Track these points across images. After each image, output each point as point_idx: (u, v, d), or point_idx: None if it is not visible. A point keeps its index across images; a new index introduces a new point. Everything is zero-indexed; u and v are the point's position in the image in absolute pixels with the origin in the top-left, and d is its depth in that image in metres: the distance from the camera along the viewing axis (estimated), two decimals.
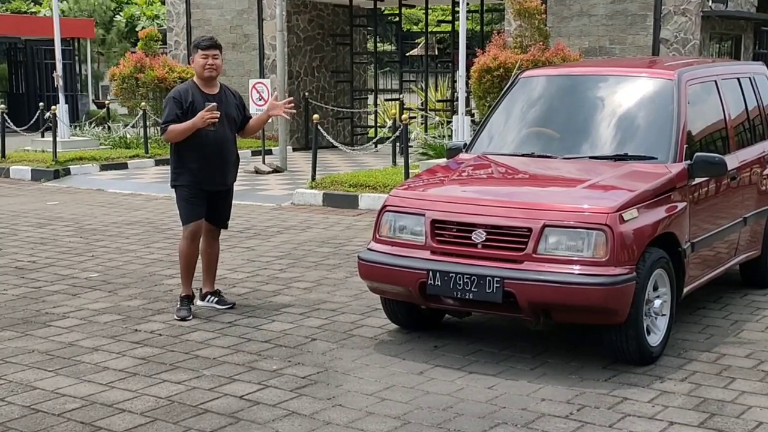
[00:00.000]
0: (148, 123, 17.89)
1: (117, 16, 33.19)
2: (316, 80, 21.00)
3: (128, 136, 18.81)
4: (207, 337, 6.20)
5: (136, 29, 29.97)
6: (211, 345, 6.03)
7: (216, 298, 6.93)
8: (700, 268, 6.33)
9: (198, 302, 6.90)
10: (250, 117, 6.99)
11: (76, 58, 27.54)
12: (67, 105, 18.53)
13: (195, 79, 6.76)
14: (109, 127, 19.93)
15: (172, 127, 6.55)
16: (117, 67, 19.51)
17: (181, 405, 4.95)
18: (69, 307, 6.99)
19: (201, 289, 6.94)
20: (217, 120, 6.46)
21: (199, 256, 6.84)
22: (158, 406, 4.94)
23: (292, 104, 7.04)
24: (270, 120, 16.80)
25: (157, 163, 17.07)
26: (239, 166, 7.01)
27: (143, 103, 17.99)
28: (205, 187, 6.63)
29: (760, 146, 7.39)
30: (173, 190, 6.75)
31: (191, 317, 6.60)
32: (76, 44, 27.59)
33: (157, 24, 29.65)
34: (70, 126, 19.02)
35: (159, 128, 6.74)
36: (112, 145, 18.54)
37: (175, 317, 6.60)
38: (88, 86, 29.72)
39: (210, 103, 6.49)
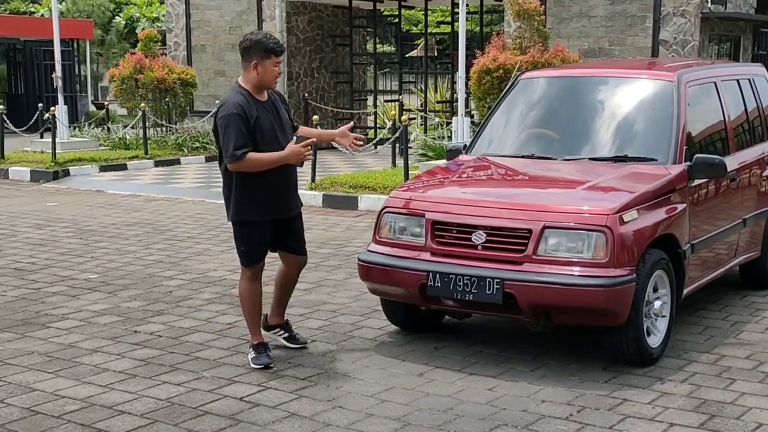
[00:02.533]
0: (147, 124, 17.88)
1: (116, 17, 33.18)
2: (315, 81, 21.00)
3: (128, 137, 18.81)
4: (207, 339, 6.20)
5: (136, 30, 30.00)
6: (211, 346, 6.03)
7: (286, 333, 5.95)
8: (700, 270, 6.33)
9: (262, 332, 5.82)
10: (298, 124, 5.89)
11: (76, 59, 27.53)
12: (66, 106, 18.54)
13: (244, 84, 5.47)
14: (108, 128, 19.91)
15: (252, 156, 5.31)
16: (116, 68, 19.50)
17: (181, 407, 4.94)
18: (68, 309, 6.99)
19: (266, 316, 5.92)
20: (312, 158, 5.61)
21: (275, 287, 5.97)
22: (158, 407, 4.93)
23: (362, 142, 5.99)
24: None
25: (157, 164, 17.07)
26: None
27: (143, 104, 17.98)
28: (273, 218, 5.58)
29: (759, 147, 7.39)
30: (231, 224, 5.68)
31: (273, 364, 5.57)
32: (75, 45, 27.58)
33: (157, 25, 29.64)
34: (70, 127, 19.02)
35: (227, 155, 5.31)
36: (111, 146, 18.54)
37: (254, 365, 5.53)
38: (87, 87, 29.70)
39: (302, 136, 5.49)
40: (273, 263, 6.09)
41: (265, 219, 5.54)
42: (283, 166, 5.45)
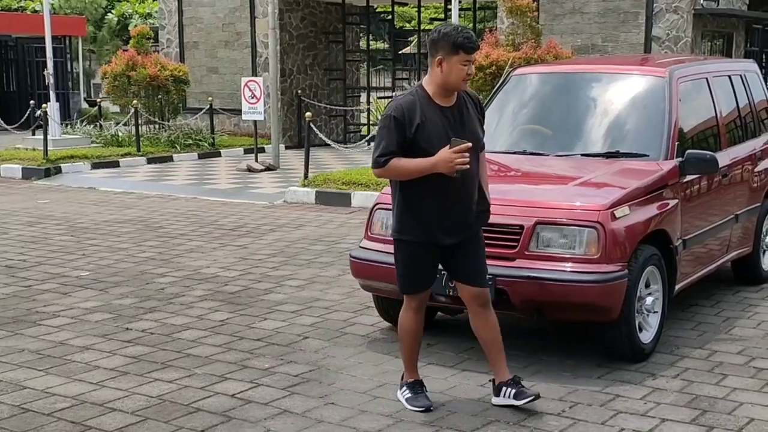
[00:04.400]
0: (140, 121, 17.84)
1: (109, 13, 33.08)
2: (309, 78, 20.97)
3: (120, 134, 18.75)
4: (199, 336, 6.18)
5: (128, 27, 29.92)
6: (203, 343, 6.01)
7: (514, 390, 4.82)
8: (692, 266, 6.33)
9: (494, 399, 4.90)
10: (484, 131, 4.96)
11: (68, 56, 27.43)
12: (58, 103, 18.48)
13: (426, 84, 4.70)
14: (100, 125, 19.86)
15: (395, 163, 4.58)
16: (108, 65, 19.45)
17: (172, 404, 4.93)
18: (59, 306, 6.96)
19: (493, 381, 4.95)
20: (468, 166, 4.53)
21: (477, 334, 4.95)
22: (149, 405, 4.92)
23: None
24: (263, 118, 16.67)
25: (149, 161, 17.03)
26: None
27: (135, 101, 17.94)
28: (443, 243, 4.73)
29: (751, 143, 7.40)
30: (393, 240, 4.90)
31: (433, 407, 4.84)
32: (67, 42, 27.49)
33: (149, 22, 29.57)
34: (62, 124, 18.96)
35: (372, 159, 4.67)
36: (103, 143, 18.48)
37: (410, 407, 4.82)
38: (79, 84, 29.61)
39: (457, 140, 4.51)
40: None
41: (429, 241, 4.69)
42: (469, 180, 4.64)
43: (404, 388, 4.93)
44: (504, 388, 4.83)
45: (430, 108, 4.62)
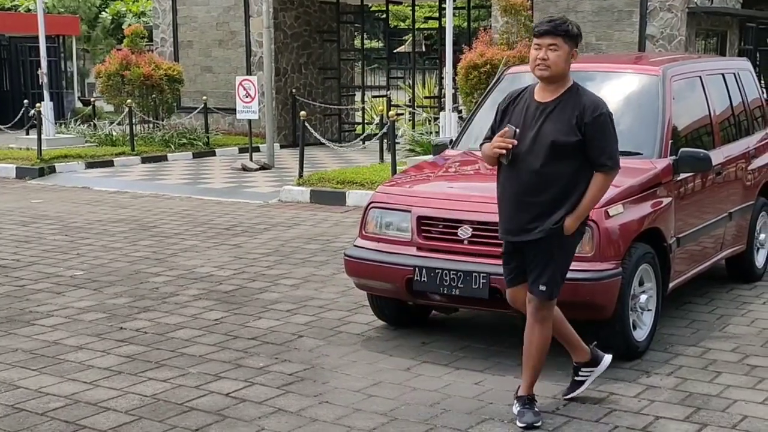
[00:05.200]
0: (134, 120, 17.81)
1: (102, 12, 33.01)
2: (303, 77, 20.95)
3: (114, 133, 18.70)
4: (193, 335, 6.17)
5: (122, 26, 29.85)
6: (197, 342, 6.01)
7: (519, 408, 4.68)
8: (686, 263, 6.34)
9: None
10: (601, 148, 4.49)
11: (62, 55, 27.37)
12: (52, 102, 18.42)
13: None
14: (94, 125, 19.80)
15: (483, 147, 4.75)
16: (102, 65, 19.40)
17: (166, 403, 4.92)
18: (53, 306, 6.95)
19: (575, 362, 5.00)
20: (505, 152, 4.50)
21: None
22: (143, 404, 4.91)
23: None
24: (258, 117, 16.69)
25: (144, 160, 16.99)
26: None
27: (129, 101, 17.90)
28: (508, 239, 4.69)
29: (745, 141, 7.41)
30: None
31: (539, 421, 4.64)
32: (61, 41, 27.43)
33: (143, 21, 29.51)
34: (56, 123, 18.92)
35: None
36: (97, 142, 18.43)
37: (519, 425, 4.59)
38: (73, 83, 29.55)
39: (511, 127, 4.51)
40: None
41: (504, 237, 4.70)
42: (525, 175, 4.51)
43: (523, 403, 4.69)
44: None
45: (528, 100, 4.59)
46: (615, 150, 4.54)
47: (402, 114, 20.89)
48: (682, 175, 6.12)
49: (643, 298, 5.65)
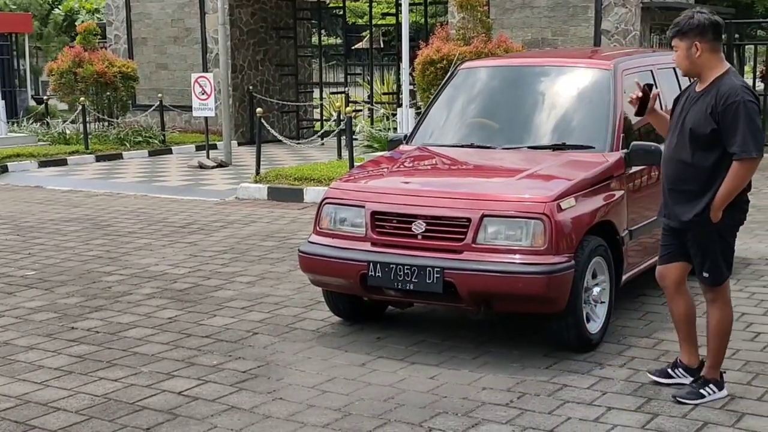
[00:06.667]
0: (88, 118, 17.58)
1: (55, 9, 32.52)
2: (260, 74, 20.83)
3: (68, 131, 18.46)
4: (146, 334, 6.10)
5: (75, 23, 29.44)
6: (149, 341, 5.94)
7: (689, 387, 4.85)
8: (639, 256, 6.40)
9: (657, 378, 5.04)
10: (732, 137, 4.50)
11: (14, 53, 26.93)
12: (4, 101, 18.16)
13: None
14: (48, 123, 19.53)
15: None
16: (55, 62, 19.12)
17: (117, 402, 4.86)
18: (4, 306, 6.83)
19: (678, 360, 5.09)
20: (632, 102, 4.91)
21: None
22: (94, 404, 4.85)
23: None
24: (214, 114, 16.53)
25: (98, 159, 16.79)
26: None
27: (82, 99, 17.67)
28: (664, 222, 4.91)
29: None
30: None
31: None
32: (13, 39, 26.99)
33: (97, 18, 29.13)
34: (8, 122, 18.62)
35: None
36: (51, 141, 18.18)
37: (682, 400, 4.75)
38: (26, 82, 29.08)
39: (647, 84, 4.93)
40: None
41: (661, 219, 4.93)
42: (671, 161, 4.73)
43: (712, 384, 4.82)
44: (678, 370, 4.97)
45: (690, 91, 4.77)
46: (749, 139, 4.47)
47: (360, 110, 20.88)
48: (635, 168, 6.17)
49: (596, 290, 5.69)
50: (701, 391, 4.77)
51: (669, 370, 5.05)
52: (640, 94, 4.86)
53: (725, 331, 4.82)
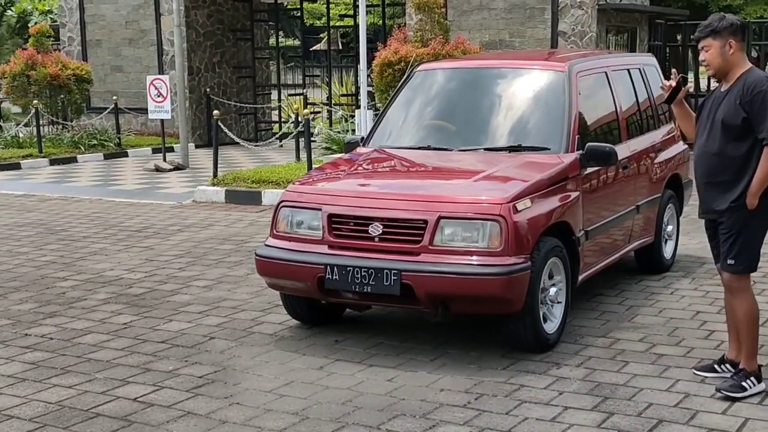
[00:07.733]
0: (41, 122, 17.32)
1: (8, 11, 32.04)
2: (217, 76, 20.69)
3: (21, 135, 18.19)
4: (100, 340, 6.02)
5: (28, 25, 29.01)
6: (104, 347, 5.86)
7: (732, 380, 4.93)
8: (595, 256, 6.45)
9: (701, 373, 5.19)
10: (761, 123, 4.67)
11: None
12: None
13: None
14: (0, 127, 19.22)
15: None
16: (7, 65, 18.82)
17: (71, 410, 4.79)
18: None
19: (724, 356, 5.22)
20: (664, 91, 5.14)
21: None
22: (48, 411, 4.77)
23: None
24: (171, 116, 16.39)
25: (52, 162, 16.57)
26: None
27: (36, 102, 17.41)
28: (701, 216, 5.08)
29: (650, 136, 7.56)
30: None
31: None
32: None
33: (50, 19, 28.74)
34: None
35: None
36: (3, 144, 17.90)
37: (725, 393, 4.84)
38: None
39: (682, 77, 5.11)
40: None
41: (701, 215, 5.07)
42: (703, 154, 4.91)
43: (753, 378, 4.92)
44: (724, 366, 5.09)
45: (716, 92, 4.97)
46: None
47: (319, 112, 20.83)
48: (590, 169, 6.22)
49: (552, 290, 5.72)
50: (743, 383, 4.86)
51: (715, 365, 5.17)
52: (674, 84, 5.07)
53: (754, 318, 4.94)
